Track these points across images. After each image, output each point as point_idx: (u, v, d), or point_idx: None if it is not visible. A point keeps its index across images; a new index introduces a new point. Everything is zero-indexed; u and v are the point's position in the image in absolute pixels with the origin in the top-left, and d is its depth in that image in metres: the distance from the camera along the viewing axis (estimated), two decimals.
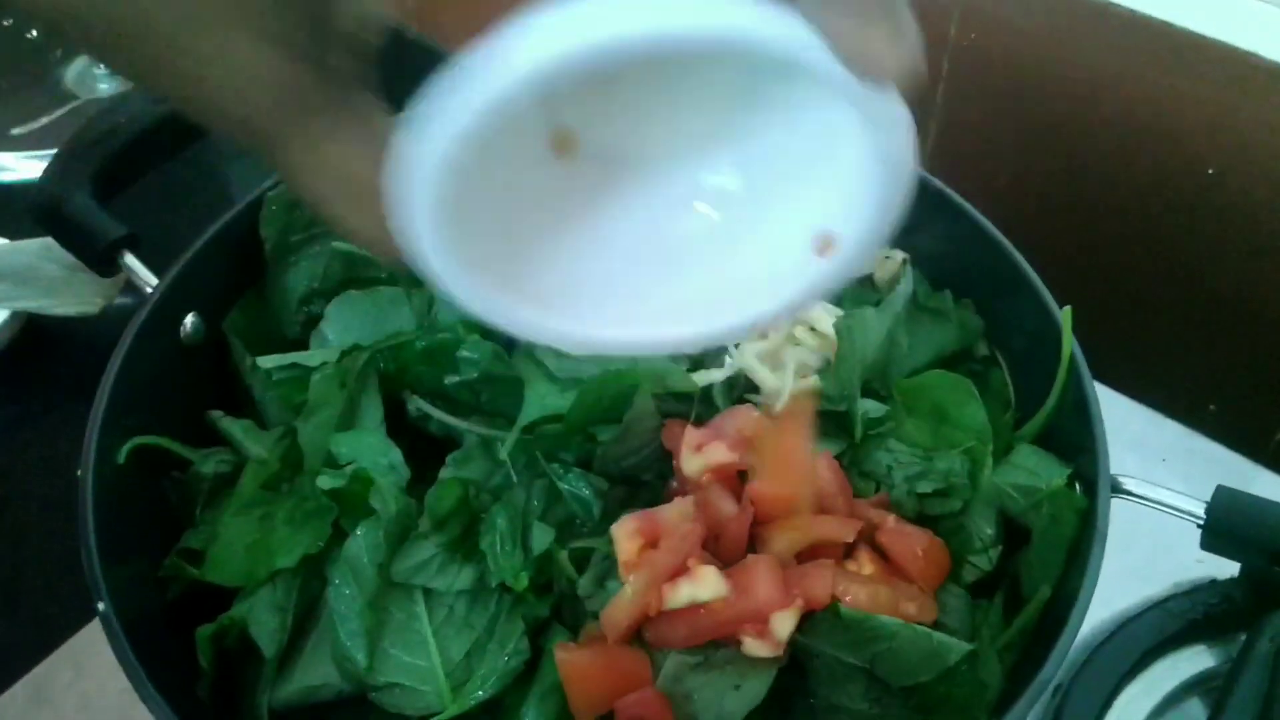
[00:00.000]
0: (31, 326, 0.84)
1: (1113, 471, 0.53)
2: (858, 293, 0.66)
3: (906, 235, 0.68)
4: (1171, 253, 0.80)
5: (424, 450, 0.60)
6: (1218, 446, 0.75)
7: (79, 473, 0.55)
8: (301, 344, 0.65)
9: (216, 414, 0.63)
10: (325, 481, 0.55)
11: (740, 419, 0.56)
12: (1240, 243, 0.77)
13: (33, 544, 0.76)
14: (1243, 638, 0.58)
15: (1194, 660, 0.60)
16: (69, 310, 0.84)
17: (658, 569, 0.50)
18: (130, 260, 0.64)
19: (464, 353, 0.59)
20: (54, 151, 0.67)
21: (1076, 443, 0.55)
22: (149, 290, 0.62)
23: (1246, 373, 0.82)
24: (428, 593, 0.54)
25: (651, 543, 0.52)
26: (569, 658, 0.51)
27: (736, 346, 0.60)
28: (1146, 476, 0.70)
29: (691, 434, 0.55)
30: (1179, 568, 0.64)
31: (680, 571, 0.51)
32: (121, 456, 0.57)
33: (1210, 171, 0.76)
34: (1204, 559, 0.63)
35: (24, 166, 0.94)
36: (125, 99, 0.68)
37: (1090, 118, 0.79)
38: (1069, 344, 0.56)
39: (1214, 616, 0.61)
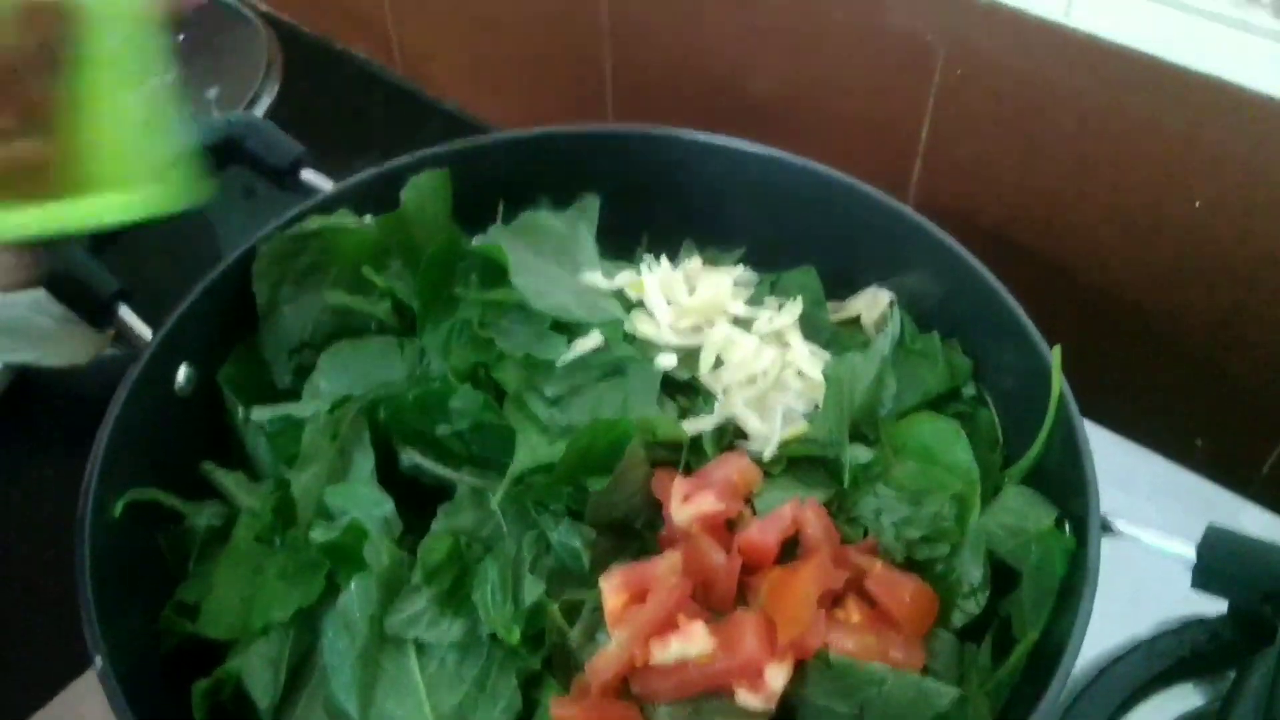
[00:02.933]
0: (21, 379, 0.85)
1: (1102, 510, 0.54)
2: (845, 335, 0.66)
3: (893, 274, 0.69)
4: (1159, 287, 0.81)
5: (416, 497, 0.60)
6: (1205, 483, 0.76)
7: (77, 521, 0.56)
8: (294, 393, 0.65)
9: (209, 465, 0.64)
10: (319, 535, 0.56)
11: (729, 467, 0.57)
12: (1227, 275, 0.77)
13: (22, 598, 0.76)
14: (1231, 675, 0.58)
15: (1182, 699, 0.60)
16: (60, 362, 0.85)
17: (643, 624, 0.51)
18: (125, 313, 0.65)
19: (455, 403, 0.59)
20: None
21: (1066, 482, 0.56)
22: (144, 343, 0.63)
23: (1234, 406, 0.83)
24: (419, 645, 0.54)
25: (639, 597, 0.52)
26: (565, 713, 0.51)
27: (724, 393, 0.60)
28: (1134, 514, 0.71)
29: (680, 484, 0.55)
30: (1166, 606, 0.64)
31: (669, 625, 0.51)
32: (116, 512, 0.58)
33: (1197, 204, 0.77)
34: (1191, 596, 0.63)
35: None
36: None
37: (1078, 153, 0.79)
38: (1058, 384, 0.56)
39: (1202, 654, 0.61)
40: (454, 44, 1.11)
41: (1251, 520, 0.75)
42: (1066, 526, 0.55)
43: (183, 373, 0.64)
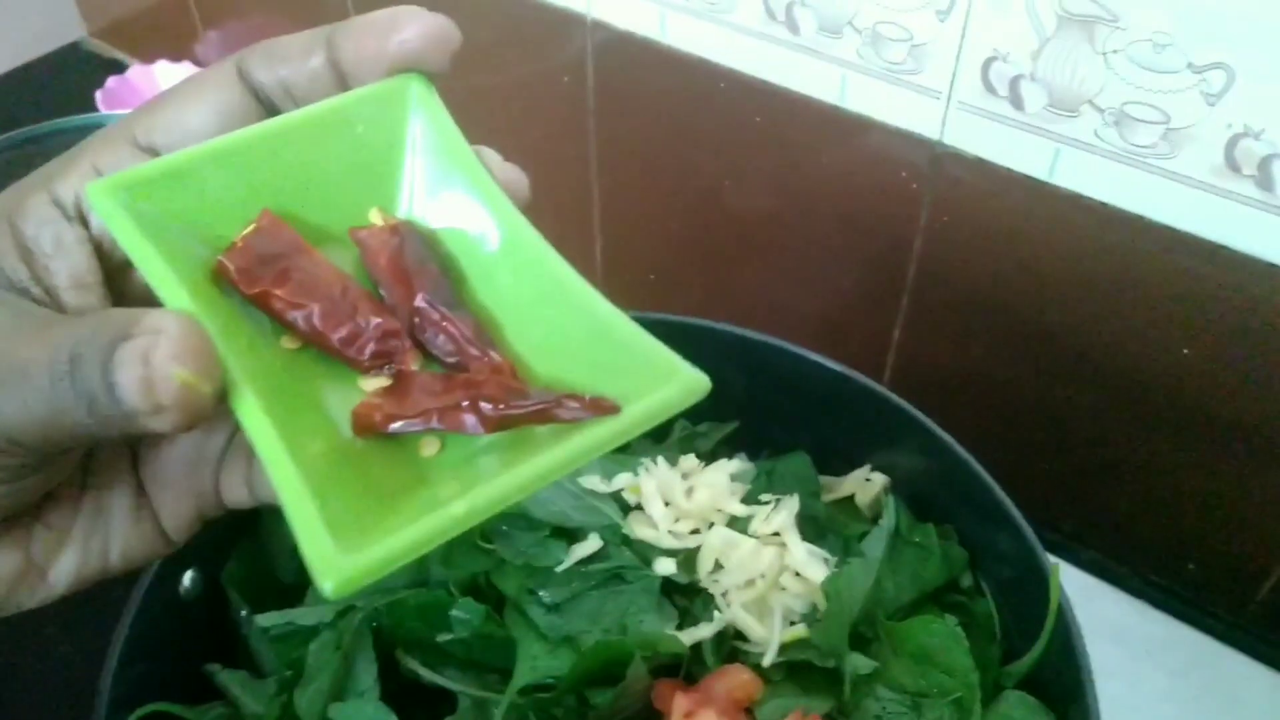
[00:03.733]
0: None
1: (1102, 700, 0.54)
2: (841, 521, 0.67)
3: (885, 453, 0.70)
4: (1147, 427, 0.82)
5: (417, 699, 0.61)
6: (1199, 635, 0.77)
7: None
8: (297, 589, 0.66)
9: (214, 667, 0.64)
10: None
11: (730, 681, 0.57)
12: (1212, 415, 0.78)
13: None
14: None
15: None
16: None
17: None
18: None
19: (456, 612, 0.60)
20: None
21: (1066, 687, 0.56)
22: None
23: (1225, 534, 0.83)
24: None
25: None
26: None
27: (725, 596, 0.61)
28: (1132, 670, 0.72)
29: (681, 701, 0.56)
30: None
31: None
32: None
33: (1186, 352, 0.78)
34: None
35: None
36: None
37: (1062, 303, 0.80)
38: (1056, 599, 0.57)
39: None
40: None
41: (1239, 670, 0.77)
42: None
43: (188, 578, 0.64)
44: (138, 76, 1.19)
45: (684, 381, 0.30)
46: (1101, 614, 0.79)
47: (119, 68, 1.27)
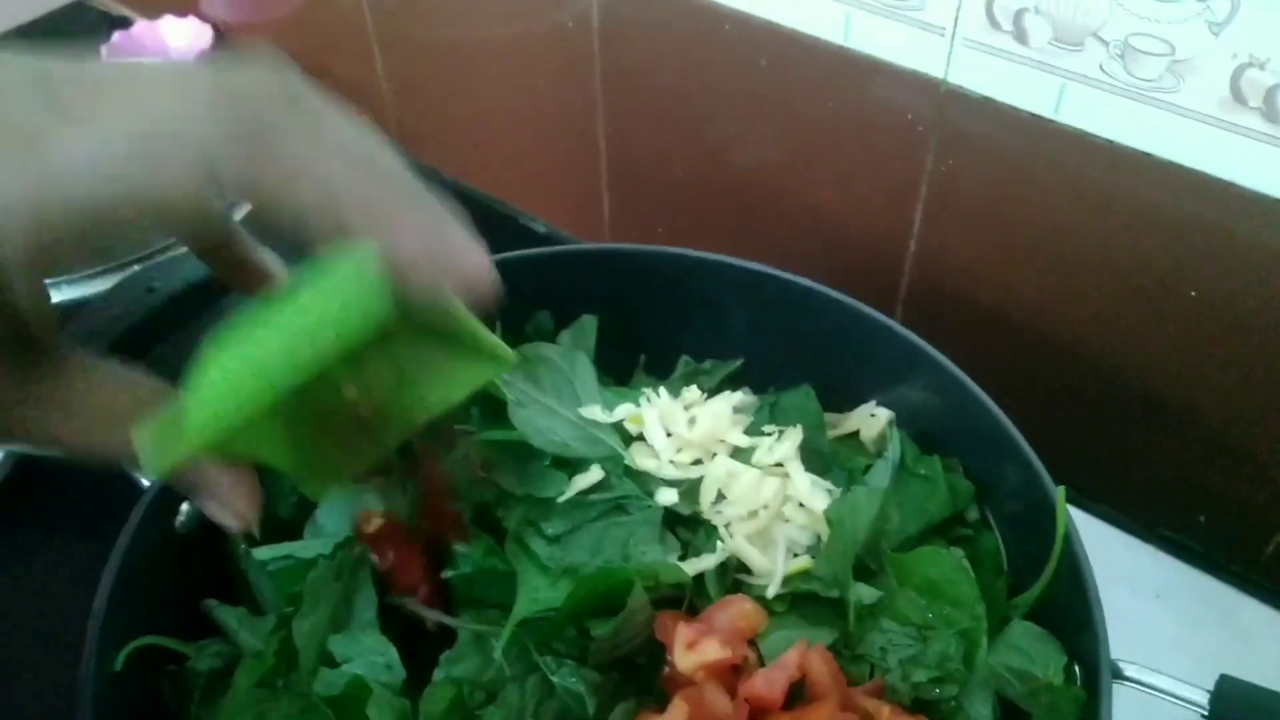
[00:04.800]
0: (24, 463, 0.85)
1: (1112, 642, 0.53)
2: (845, 454, 0.66)
3: (892, 388, 0.69)
4: (1156, 373, 0.81)
5: (418, 635, 0.60)
6: (1209, 579, 0.76)
7: (80, 677, 0.55)
8: (295, 523, 0.65)
9: (211, 603, 0.63)
10: (322, 688, 0.56)
11: (733, 611, 0.56)
12: (1222, 360, 0.77)
13: (26, 681, 0.76)
14: None
15: None
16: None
17: None
18: None
19: (457, 547, 0.59)
20: None
21: (1073, 618, 0.55)
22: (145, 485, 0.62)
23: (1236, 485, 0.83)
24: None
25: None
26: None
27: (727, 527, 0.60)
28: (1142, 614, 0.71)
29: (684, 631, 0.55)
30: None
31: None
32: (118, 664, 0.57)
33: (1193, 294, 0.77)
34: None
35: None
36: (120, 288, 0.68)
37: (1069, 244, 0.79)
38: (1062, 525, 0.56)
39: None
40: (456, 131, 1.11)
41: (1253, 614, 0.76)
42: (1076, 669, 0.54)
43: (185, 509, 0.63)
44: (143, 31, 1.18)
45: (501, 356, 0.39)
46: (1113, 560, 0.78)
47: (125, 24, 1.26)
